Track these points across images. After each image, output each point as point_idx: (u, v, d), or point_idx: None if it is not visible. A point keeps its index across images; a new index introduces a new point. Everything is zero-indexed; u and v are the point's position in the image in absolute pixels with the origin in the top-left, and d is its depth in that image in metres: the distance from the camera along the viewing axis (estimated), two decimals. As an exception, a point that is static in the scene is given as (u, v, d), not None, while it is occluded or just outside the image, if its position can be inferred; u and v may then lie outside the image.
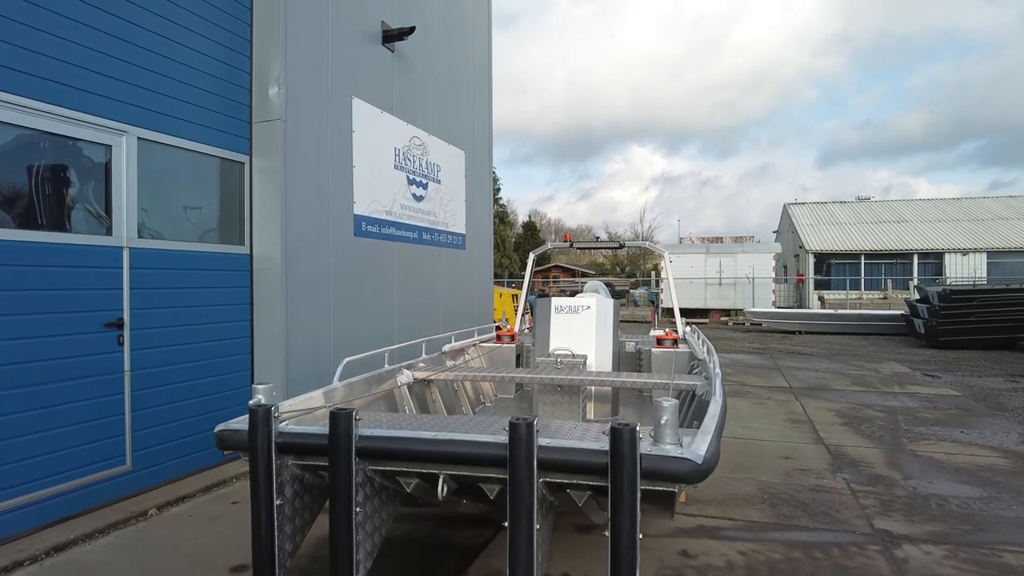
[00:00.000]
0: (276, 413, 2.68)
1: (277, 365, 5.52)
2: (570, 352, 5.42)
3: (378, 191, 6.95)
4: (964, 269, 26.28)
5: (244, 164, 5.59)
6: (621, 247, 8.60)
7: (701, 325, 21.14)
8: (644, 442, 2.25)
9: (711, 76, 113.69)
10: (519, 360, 6.63)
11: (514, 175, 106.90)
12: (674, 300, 7.19)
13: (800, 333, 20.08)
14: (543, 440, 2.33)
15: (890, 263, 27.76)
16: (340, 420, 2.50)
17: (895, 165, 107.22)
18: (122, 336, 4.49)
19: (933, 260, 27.12)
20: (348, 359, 4.09)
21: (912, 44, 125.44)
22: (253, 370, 5.61)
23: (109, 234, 4.44)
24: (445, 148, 8.57)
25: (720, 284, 26.13)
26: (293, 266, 5.66)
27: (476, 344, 6.44)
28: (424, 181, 7.97)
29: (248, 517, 2.69)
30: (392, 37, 7.11)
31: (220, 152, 5.36)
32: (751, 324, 22.72)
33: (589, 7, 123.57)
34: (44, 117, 4.03)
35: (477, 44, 9.87)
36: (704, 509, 4.45)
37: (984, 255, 26.36)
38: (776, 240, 32.82)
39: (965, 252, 26.57)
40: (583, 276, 42.48)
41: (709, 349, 5.15)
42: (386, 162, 7.16)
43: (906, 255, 27.43)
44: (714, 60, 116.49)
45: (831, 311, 21.22)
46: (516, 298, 16.55)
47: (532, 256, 7.99)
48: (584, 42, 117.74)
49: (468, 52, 9.56)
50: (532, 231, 54.30)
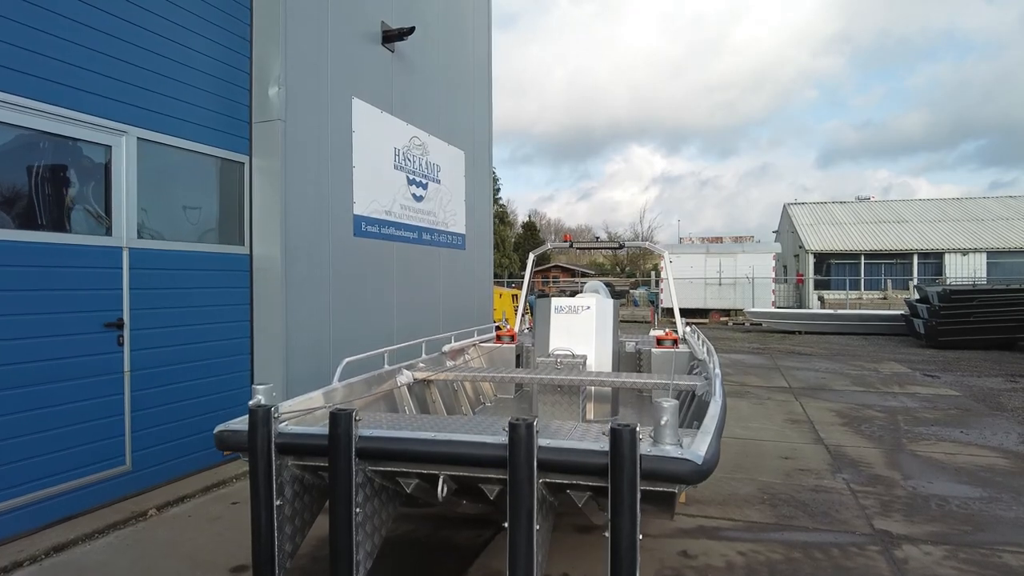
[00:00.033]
0: (276, 414, 2.68)
1: (277, 365, 5.52)
2: (570, 352, 5.42)
3: (378, 191, 6.95)
4: (964, 269, 26.29)
5: (244, 164, 5.59)
6: (621, 247, 8.60)
7: (701, 325, 21.15)
8: (644, 443, 2.25)
9: (711, 76, 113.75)
10: (519, 360, 6.63)
11: (514, 175, 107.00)
12: (674, 300, 7.19)
13: (800, 333, 20.09)
14: (543, 441, 2.33)
15: (890, 263, 27.77)
16: (340, 421, 2.50)
17: (895, 165, 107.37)
18: (122, 336, 4.49)
19: (933, 260, 27.13)
20: (348, 359, 4.09)
21: (912, 44, 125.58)
22: (253, 370, 5.61)
23: (109, 234, 4.45)
24: (445, 148, 8.57)
25: (720, 284, 26.14)
26: (293, 266, 5.66)
27: (476, 344, 6.44)
28: (424, 181, 7.97)
29: (248, 517, 2.69)
30: (392, 37, 7.11)
31: (220, 152, 5.36)
32: (751, 324, 22.73)
33: (589, 7, 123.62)
34: (44, 117, 4.03)
35: (477, 44, 9.87)
36: (704, 509, 4.45)
37: (984, 255, 26.38)
38: (776, 240, 32.81)
39: (965, 252, 26.59)
40: (583, 276, 42.47)
41: (709, 349, 5.15)
42: (386, 162, 7.16)
43: (906, 255, 27.44)
44: (714, 60, 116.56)
45: (831, 311, 21.22)
46: (516, 298, 16.55)
47: (532, 256, 7.99)
48: (584, 42, 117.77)
49: (468, 52, 9.56)
50: (532, 231, 54.31)
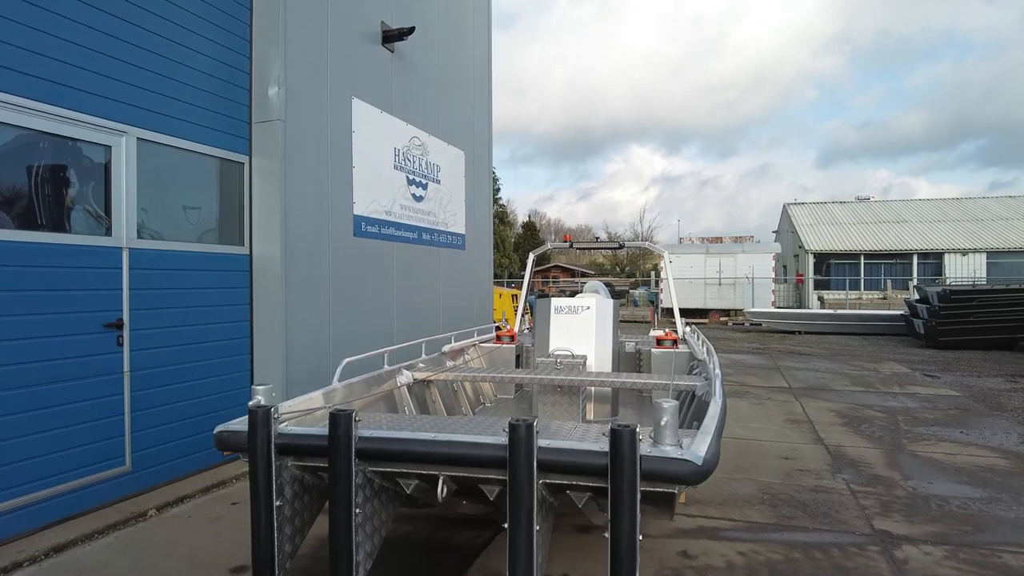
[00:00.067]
0: (276, 414, 2.68)
1: (277, 365, 5.52)
2: (570, 352, 5.42)
3: (378, 191, 6.95)
4: (964, 269, 26.30)
5: (244, 164, 5.59)
6: (621, 247, 8.59)
7: (701, 325, 21.17)
8: (644, 443, 2.25)
9: (711, 76, 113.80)
10: (519, 360, 6.63)
11: (514, 175, 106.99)
12: (674, 300, 7.19)
13: (800, 333, 20.08)
14: (543, 441, 2.33)
15: (890, 263, 27.78)
16: (340, 421, 2.50)
17: (895, 165, 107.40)
18: (122, 337, 4.49)
19: (933, 260, 27.14)
20: (348, 360, 4.09)
21: (912, 44, 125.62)
22: (253, 370, 5.61)
23: (109, 234, 4.44)
24: (445, 148, 8.57)
25: (720, 284, 26.14)
26: (293, 266, 5.66)
27: (476, 344, 6.44)
28: (424, 181, 7.97)
29: (248, 518, 2.69)
30: (392, 37, 7.11)
31: (220, 152, 5.35)
32: (751, 324, 22.72)
33: (589, 7, 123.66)
34: (44, 117, 4.03)
35: (477, 44, 9.87)
36: (704, 510, 4.45)
37: (984, 255, 26.39)
38: (776, 240, 32.81)
39: (965, 252, 26.59)
40: (583, 276, 42.47)
41: (709, 349, 5.15)
42: (386, 162, 7.16)
43: (906, 255, 27.44)
44: (714, 60, 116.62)
45: (831, 311, 21.22)
46: (516, 298, 16.55)
47: (532, 256, 7.99)
48: (584, 42, 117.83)
49: (468, 52, 9.56)
50: (532, 231, 54.30)
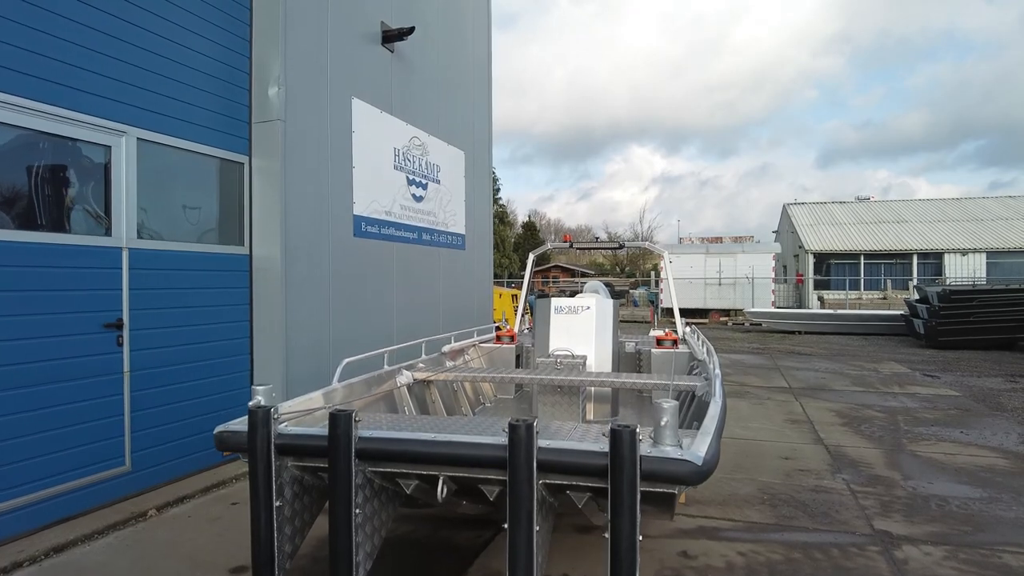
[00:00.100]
0: (275, 414, 2.67)
1: (277, 366, 5.52)
2: (570, 353, 5.42)
3: (378, 191, 6.95)
4: (963, 269, 26.30)
5: (243, 164, 5.59)
6: (621, 247, 8.59)
7: (701, 325, 21.16)
8: (644, 444, 2.25)
9: (711, 76, 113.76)
10: (519, 361, 6.63)
11: (514, 175, 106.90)
12: (674, 300, 7.19)
13: (800, 333, 20.09)
14: (543, 442, 2.33)
15: (890, 263, 27.78)
16: (339, 421, 2.50)
17: (895, 165, 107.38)
18: (121, 337, 4.49)
19: (933, 260, 27.14)
20: (347, 360, 4.08)
21: (912, 44, 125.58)
22: (253, 371, 5.61)
23: (108, 235, 4.44)
24: (445, 148, 8.57)
25: (720, 284, 26.14)
26: (293, 266, 5.65)
27: (476, 345, 6.44)
28: (424, 181, 7.97)
29: (248, 518, 2.69)
30: (392, 37, 7.11)
31: (219, 152, 5.35)
32: (751, 324, 22.73)
33: (589, 7, 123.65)
34: (43, 118, 4.03)
35: (477, 44, 9.87)
36: (704, 510, 4.45)
37: (983, 255, 26.39)
38: (776, 240, 32.82)
39: (964, 252, 26.59)
40: (583, 276, 42.47)
41: (709, 349, 5.15)
42: (386, 162, 7.16)
43: (906, 255, 27.45)
44: (714, 60, 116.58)
45: (831, 311, 21.22)
46: (516, 298, 16.54)
47: (532, 256, 7.99)
48: (584, 42, 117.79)
49: (468, 52, 9.56)
50: (532, 231, 54.31)
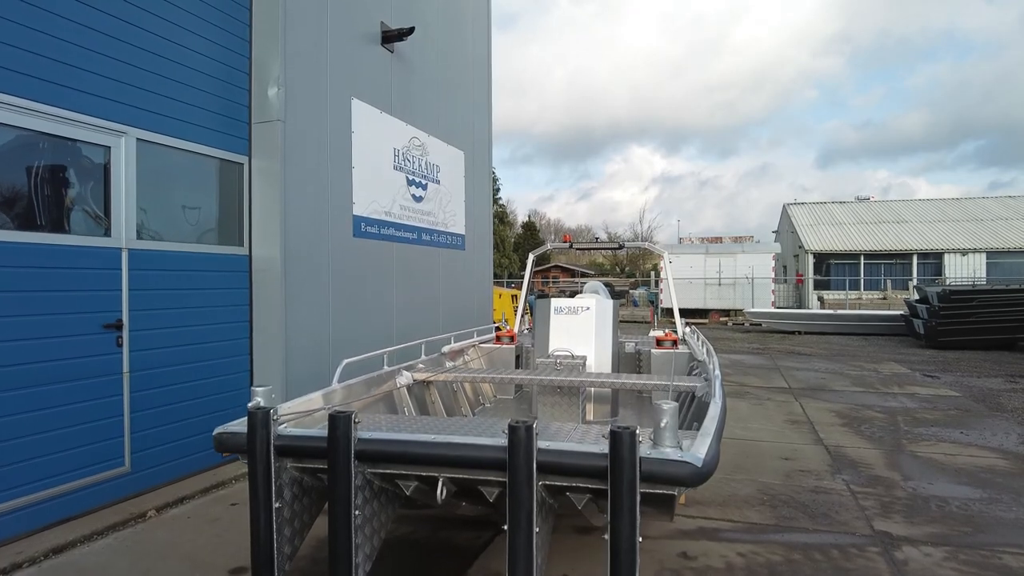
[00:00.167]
0: (275, 416, 2.67)
1: (276, 366, 5.51)
2: (570, 353, 5.41)
3: (377, 192, 6.94)
4: (963, 269, 26.31)
5: (243, 165, 5.59)
6: (621, 248, 8.59)
7: (700, 325, 21.16)
8: (644, 445, 2.24)
9: (711, 76, 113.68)
10: (518, 361, 6.63)
11: (514, 175, 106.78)
12: (673, 300, 7.19)
13: (799, 333, 20.08)
14: (542, 443, 2.32)
15: (889, 263, 27.79)
16: (339, 423, 2.49)
17: (895, 165, 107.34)
18: (121, 337, 4.49)
19: (932, 260, 27.15)
20: (347, 360, 4.08)
21: (912, 44, 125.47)
22: (252, 371, 5.60)
23: (108, 235, 4.44)
24: (444, 148, 8.57)
25: (720, 284, 26.14)
26: (292, 267, 5.65)
27: (475, 345, 6.44)
28: (423, 182, 7.96)
29: (247, 519, 2.68)
30: (391, 37, 7.10)
31: (219, 153, 5.35)
32: (750, 324, 22.73)
33: (589, 7, 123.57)
34: (43, 118, 4.02)
35: (476, 44, 9.87)
36: (704, 511, 4.44)
37: (983, 255, 26.39)
38: (776, 240, 32.82)
39: (964, 252, 26.60)
40: (583, 276, 42.47)
41: (708, 350, 5.15)
42: (385, 163, 7.15)
43: (905, 255, 27.45)
44: (714, 60, 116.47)
45: (830, 311, 21.23)
46: (516, 299, 16.55)
47: (532, 256, 7.98)
48: (584, 42, 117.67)
49: (468, 52, 9.56)
50: (532, 231, 54.31)
